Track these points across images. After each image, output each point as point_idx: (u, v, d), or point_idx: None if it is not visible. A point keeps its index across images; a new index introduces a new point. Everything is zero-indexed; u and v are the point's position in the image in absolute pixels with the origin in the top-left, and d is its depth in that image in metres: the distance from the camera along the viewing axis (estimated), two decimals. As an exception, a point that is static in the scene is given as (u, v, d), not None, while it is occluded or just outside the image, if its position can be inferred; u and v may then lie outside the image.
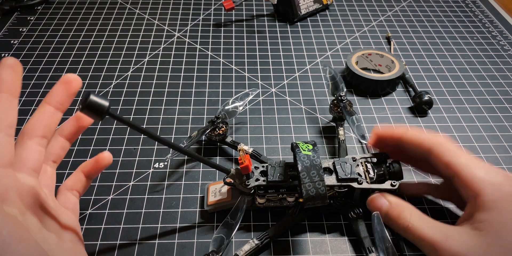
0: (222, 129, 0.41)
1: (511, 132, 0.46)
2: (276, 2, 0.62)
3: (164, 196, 0.38)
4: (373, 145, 0.37)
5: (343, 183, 0.33)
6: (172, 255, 0.34)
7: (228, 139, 0.42)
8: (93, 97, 0.24)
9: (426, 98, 0.47)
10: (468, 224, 0.28)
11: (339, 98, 0.43)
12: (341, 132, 0.42)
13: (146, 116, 0.47)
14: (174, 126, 0.46)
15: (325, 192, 0.30)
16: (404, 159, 0.36)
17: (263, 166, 0.35)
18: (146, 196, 0.38)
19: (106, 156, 0.33)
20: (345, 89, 0.44)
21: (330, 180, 0.33)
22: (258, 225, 0.36)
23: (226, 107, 0.43)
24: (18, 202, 0.24)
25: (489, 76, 0.54)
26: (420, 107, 0.48)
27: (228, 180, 0.34)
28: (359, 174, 0.34)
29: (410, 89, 0.51)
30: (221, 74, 0.53)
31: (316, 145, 0.33)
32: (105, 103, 0.24)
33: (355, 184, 0.33)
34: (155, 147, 0.43)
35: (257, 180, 0.34)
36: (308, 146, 0.33)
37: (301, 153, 0.32)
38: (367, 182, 0.33)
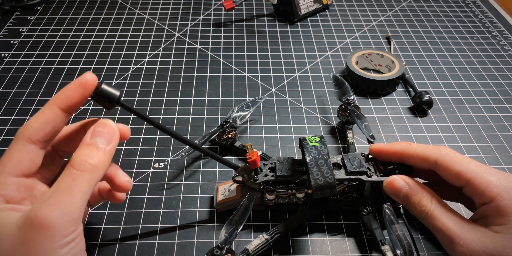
0: (231, 133, 0.41)
1: (511, 132, 0.46)
2: (276, 2, 0.62)
3: (164, 196, 0.38)
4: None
5: (352, 177, 0.33)
6: (172, 255, 0.34)
7: (237, 144, 0.42)
8: (104, 86, 0.25)
9: (426, 98, 0.47)
10: (483, 225, 0.28)
11: (347, 101, 0.43)
12: (349, 135, 0.42)
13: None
14: (174, 126, 0.46)
15: (334, 181, 0.31)
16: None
17: (271, 163, 0.35)
18: (146, 196, 0.38)
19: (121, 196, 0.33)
20: (352, 94, 0.44)
21: (339, 174, 0.33)
22: (258, 225, 0.36)
23: (234, 115, 0.43)
24: None
25: (489, 76, 0.54)
26: (420, 107, 0.48)
27: (238, 179, 0.34)
28: (368, 168, 0.34)
29: (410, 89, 0.51)
30: (221, 74, 0.53)
31: (323, 137, 0.33)
32: (116, 93, 0.25)
33: (364, 177, 0.33)
34: (155, 147, 0.43)
35: (265, 175, 0.34)
36: (315, 138, 0.33)
37: (309, 144, 0.32)
38: (376, 175, 0.33)
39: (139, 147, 0.43)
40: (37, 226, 0.22)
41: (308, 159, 0.31)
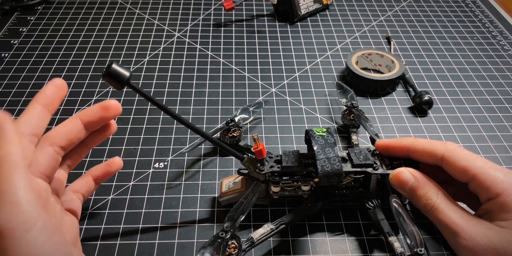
0: (236, 132, 0.41)
1: (511, 132, 0.46)
2: (276, 2, 0.62)
3: (164, 196, 0.38)
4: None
5: (358, 169, 0.33)
6: (172, 255, 0.34)
7: (242, 143, 0.42)
8: (115, 66, 0.25)
9: (426, 98, 0.47)
10: (487, 220, 0.28)
11: (351, 105, 0.43)
12: (354, 137, 0.42)
13: (146, 116, 0.47)
14: (174, 126, 0.46)
15: (341, 168, 0.31)
16: None
17: (277, 156, 0.35)
18: (146, 196, 0.38)
19: (117, 162, 0.34)
20: (355, 98, 0.45)
21: (346, 167, 0.33)
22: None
23: (237, 117, 0.43)
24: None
25: (489, 76, 0.54)
26: (420, 107, 0.48)
27: (244, 171, 0.34)
28: (374, 162, 0.34)
29: (410, 89, 0.51)
30: (221, 74, 0.53)
31: (330, 128, 0.34)
32: (126, 74, 0.25)
33: (370, 170, 0.33)
34: (155, 147, 0.43)
35: (271, 167, 0.34)
36: (322, 129, 0.34)
37: (316, 134, 0.33)
38: (382, 169, 0.33)
39: (139, 147, 0.43)
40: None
41: (315, 147, 0.31)
